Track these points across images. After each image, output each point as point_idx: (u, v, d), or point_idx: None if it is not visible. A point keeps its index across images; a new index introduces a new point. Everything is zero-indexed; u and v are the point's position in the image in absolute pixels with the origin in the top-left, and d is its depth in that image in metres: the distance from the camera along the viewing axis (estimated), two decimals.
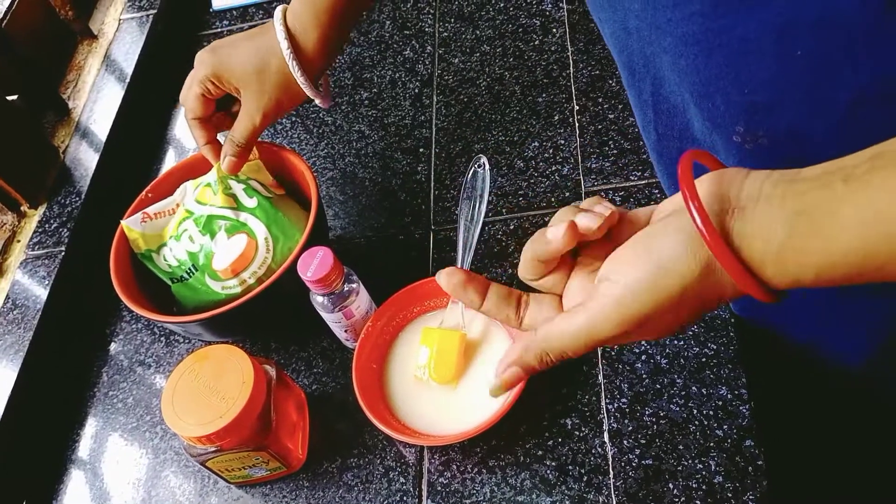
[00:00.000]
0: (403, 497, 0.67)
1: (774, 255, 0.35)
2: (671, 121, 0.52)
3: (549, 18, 0.97)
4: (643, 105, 0.54)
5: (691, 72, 0.46)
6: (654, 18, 0.46)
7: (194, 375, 0.65)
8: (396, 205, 0.86)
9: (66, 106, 1.04)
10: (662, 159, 0.57)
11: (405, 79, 0.97)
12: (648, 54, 0.49)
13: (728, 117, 0.47)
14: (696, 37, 0.44)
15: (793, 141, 0.46)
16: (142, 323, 0.86)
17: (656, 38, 0.47)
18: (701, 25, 0.43)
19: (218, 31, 1.13)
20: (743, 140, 0.47)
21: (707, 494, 0.60)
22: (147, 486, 0.74)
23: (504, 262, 0.78)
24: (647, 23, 0.47)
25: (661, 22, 0.45)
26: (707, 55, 0.45)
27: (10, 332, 0.83)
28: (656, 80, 0.51)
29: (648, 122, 0.55)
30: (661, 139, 0.55)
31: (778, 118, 0.45)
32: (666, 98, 0.51)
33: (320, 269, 0.66)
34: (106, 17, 1.15)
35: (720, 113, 0.47)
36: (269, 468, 0.68)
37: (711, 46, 0.44)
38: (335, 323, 0.72)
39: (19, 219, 0.94)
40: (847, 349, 0.61)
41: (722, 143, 0.49)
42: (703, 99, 0.48)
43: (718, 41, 0.43)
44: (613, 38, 0.53)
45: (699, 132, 0.51)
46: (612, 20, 0.51)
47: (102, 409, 0.81)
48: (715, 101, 0.47)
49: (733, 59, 0.44)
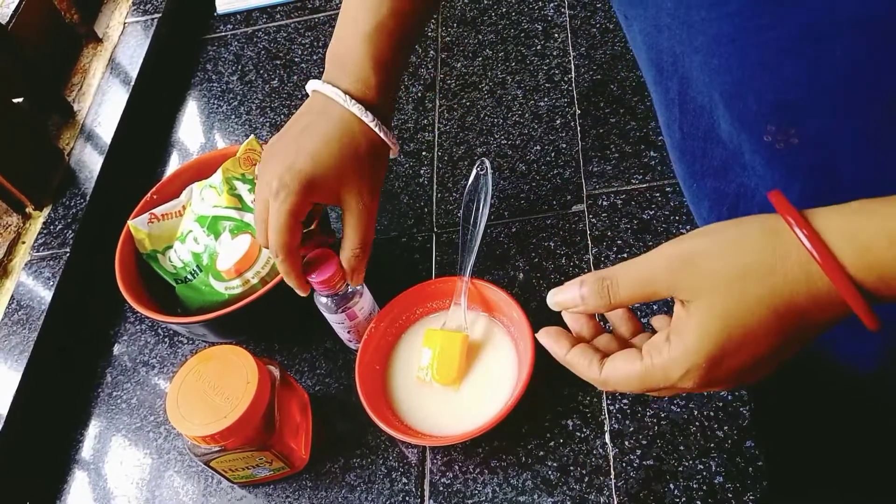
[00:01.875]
0: (406, 497, 0.67)
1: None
2: (697, 120, 0.52)
3: (551, 23, 0.98)
4: (669, 103, 0.54)
5: (723, 71, 0.46)
6: (687, 17, 0.46)
7: (198, 376, 0.65)
8: (399, 207, 0.87)
9: (71, 108, 1.05)
10: (685, 157, 0.57)
11: (408, 83, 0.98)
12: (678, 53, 0.49)
13: (760, 117, 0.47)
14: (730, 36, 0.44)
15: (825, 141, 0.46)
16: (146, 324, 0.86)
17: (688, 36, 0.47)
18: (736, 25, 0.43)
19: (222, 34, 1.14)
20: (774, 140, 0.47)
21: (707, 495, 0.60)
22: (151, 487, 0.74)
23: (506, 264, 0.79)
24: (680, 21, 0.47)
25: (695, 20, 0.45)
26: (742, 55, 0.44)
27: (15, 333, 0.83)
28: (684, 80, 0.51)
29: (673, 120, 0.55)
30: (685, 138, 0.55)
31: (812, 118, 0.45)
32: (693, 98, 0.51)
33: (325, 271, 0.66)
34: (111, 21, 1.16)
35: (752, 112, 0.47)
36: (272, 468, 0.69)
37: (746, 46, 0.44)
38: (338, 324, 0.72)
39: (24, 220, 0.95)
40: (860, 352, 0.61)
41: (750, 144, 0.49)
42: (735, 98, 0.47)
43: (754, 40, 0.43)
44: (642, 35, 0.52)
45: (726, 133, 0.51)
46: (643, 17, 0.51)
47: (106, 409, 0.81)
48: (747, 101, 0.47)
49: (768, 58, 0.44)
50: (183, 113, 1.06)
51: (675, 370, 0.44)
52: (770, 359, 0.43)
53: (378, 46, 0.62)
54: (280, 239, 0.61)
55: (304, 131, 0.62)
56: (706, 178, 0.56)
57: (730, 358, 0.43)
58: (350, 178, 0.61)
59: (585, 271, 0.75)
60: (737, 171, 0.53)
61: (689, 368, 0.44)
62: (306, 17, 1.12)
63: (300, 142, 0.61)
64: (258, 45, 1.10)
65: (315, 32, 1.09)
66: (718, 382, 0.45)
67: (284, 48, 1.09)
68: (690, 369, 0.44)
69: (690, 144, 0.55)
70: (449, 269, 0.80)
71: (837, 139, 0.46)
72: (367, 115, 0.61)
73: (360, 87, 0.62)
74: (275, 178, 0.60)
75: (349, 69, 0.63)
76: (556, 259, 0.77)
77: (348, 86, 0.62)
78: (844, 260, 0.39)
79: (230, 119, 1.03)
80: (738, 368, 0.44)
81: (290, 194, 0.59)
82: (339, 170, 0.61)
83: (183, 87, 1.09)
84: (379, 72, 0.62)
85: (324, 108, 0.62)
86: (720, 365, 0.44)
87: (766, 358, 0.43)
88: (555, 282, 0.76)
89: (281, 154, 0.61)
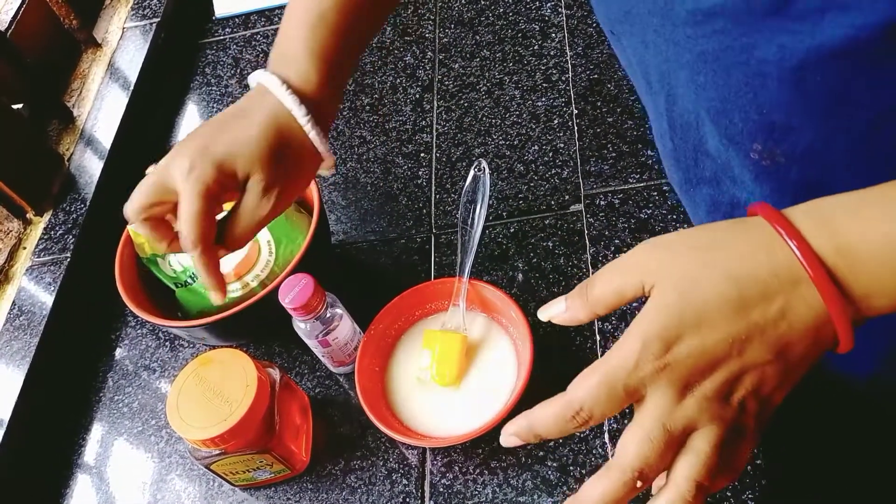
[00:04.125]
0: (406, 498, 0.68)
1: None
2: (686, 134, 0.52)
3: (549, 23, 0.98)
4: (658, 116, 0.54)
5: (709, 88, 0.46)
6: (672, 34, 0.46)
7: (199, 379, 0.65)
8: (398, 209, 0.87)
9: (71, 114, 1.05)
10: (679, 165, 0.56)
11: (406, 84, 0.98)
12: (664, 70, 0.49)
13: (746, 134, 0.47)
14: (715, 54, 0.44)
15: (811, 160, 0.46)
16: (147, 328, 0.87)
17: (674, 53, 0.46)
18: (721, 43, 0.43)
19: (220, 38, 1.14)
20: (760, 157, 0.47)
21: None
22: (153, 490, 0.75)
23: (504, 265, 0.79)
24: (666, 38, 0.46)
25: (681, 38, 0.45)
26: (726, 73, 0.44)
27: (17, 338, 0.84)
28: (671, 96, 0.51)
29: (664, 132, 0.55)
30: (677, 149, 0.55)
31: (796, 138, 0.45)
32: (680, 114, 0.51)
33: (301, 296, 0.66)
34: (110, 26, 1.16)
35: (738, 130, 0.47)
36: (273, 471, 0.69)
37: (730, 65, 0.43)
38: (314, 349, 0.72)
39: (25, 226, 0.95)
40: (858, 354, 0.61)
41: (738, 159, 0.49)
42: (721, 115, 0.47)
43: (738, 60, 0.43)
44: (631, 51, 0.52)
45: (714, 149, 0.51)
46: (631, 34, 0.51)
47: (108, 413, 0.81)
48: (732, 119, 0.46)
49: (751, 79, 0.43)
50: (182, 117, 1.07)
51: (631, 347, 0.40)
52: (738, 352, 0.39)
53: (319, 40, 0.58)
54: (195, 227, 0.54)
55: (232, 117, 0.58)
56: (701, 185, 0.56)
57: (690, 334, 0.39)
58: (266, 167, 0.55)
59: (584, 271, 0.76)
60: (727, 183, 0.53)
61: (645, 341, 0.39)
62: None
63: (224, 126, 0.57)
64: (256, 49, 1.11)
65: None
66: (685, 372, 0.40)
67: None
68: (647, 342, 0.39)
69: (683, 154, 0.55)
70: (448, 270, 0.80)
71: (826, 158, 0.45)
72: (301, 109, 0.56)
73: (299, 80, 0.58)
74: (187, 159, 0.55)
75: (289, 60, 0.59)
76: (554, 259, 0.77)
77: (287, 76, 0.58)
78: (801, 226, 0.38)
79: None
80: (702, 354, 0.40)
81: (199, 177, 0.54)
82: (255, 157, 0.55)
83: (182, 91, 1.09)
84: (320, 66, 0.58)
85: (257, 97, 0.58)
86: (680, 340, 0.40)
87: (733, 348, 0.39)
88: (553, 282, 0.76)
89: (200, 135, 0.57)
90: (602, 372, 0.42)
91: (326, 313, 0.69)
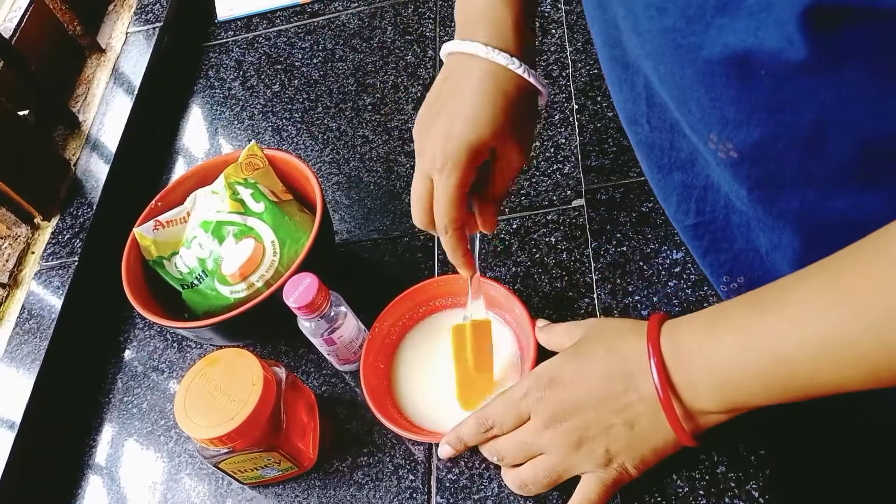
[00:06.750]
0: (413, 494, 0.68)
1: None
2: (664, 114, 0.53)
3: (548, 19, 0.98)
4: (636, 98, 0.54)
5: (668, 79, 0.47)
6: (635, 25, 0.47)
7: (206, 379, 0.66)
8: (401, 207, 0.87)
9: (77, 119, 1.06)
10: (653, 151, 0.57)
11: (407, 83, 0.99)
12: (634, 56, 0.50)
13: (703, 125, 0.48)
14: (668, 50, 0.45)
15: (762, 156, 0.47)
16: (154, 329, 0.87)
17: (639, 42, 0.48)
18: (672, 41, 0.44)
19: (223, 41, 1.15)
20: (716, 148, 0.48)
21: (710, 485, 0.60)
22: (163, 490, 0.76)
23: (507, 260, 0.79)
24: (630, 28, 0.48)
25: (642, 30, 0.46)
26: (680, 67, 0.45)
27: (27, 342, 0.84)
28: (647, 79, 0.52)
29: (641, 114, 0.55)
30: (653, 130, 0.55)
31: (746, 134, 0.46)
32: (657, 93, 0.52)
33: (305, 294, 0.67)
34: (113, 31, 1.17)
35: (696, 119, 0.48)
36: (280, 468, 0.70)
37: (683, 60, 0.44)
38: (320, 347, 0.73)
39: (33, 231, 0.96)
40: None
41: (702, 145, 0.50)
42: (681, 104, 0.48)
43: (688, 58, 0.44)
44: (605, 36, 0.53)
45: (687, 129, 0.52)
46: (603, 20, 0.52)
47: (118, 414, 0.82)
48: (690, 108, 0.47)
49: (701, 77, 0.44)
50: (186, 120, 1.07)
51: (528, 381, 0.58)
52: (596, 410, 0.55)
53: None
54: (449, 214, 0.59)
55: (452, 95, 0.58)
56: (673, 171, 0.56)
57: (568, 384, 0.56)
58: (507, 131, 0.58)
59: (586, 266, 0.76)
60: (702, 163, 0.54)
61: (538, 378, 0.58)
62: (306, 21, 1.13)
63: (450, 107, 0.58)
64: (259, 51, 1.11)
65: (314, 36, 1.10)
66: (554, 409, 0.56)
67: (285, 53, 1.10)
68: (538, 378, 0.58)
69: (658, 137, 0.55)
70: (452, 267, 0.80)
71: (775, 156, 0.46)
72: (514, 62, 0.58)
73: (499, 39, 0.59)
74: (437, 150, 0.57)
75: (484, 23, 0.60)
76: (557, 254, 0.78)
77: (487, 39, 0.59)
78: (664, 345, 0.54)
79: (233, 125, 1.04)
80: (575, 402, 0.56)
81: (456, 166, 0.57)
82: (496, 126, 0.57)
83: (185, 95, 1.10)
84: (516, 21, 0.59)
85: (464, 67, 0.59)
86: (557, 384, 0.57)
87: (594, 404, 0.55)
88: (556, 277, 0.76)
89: (435, 125, 0.58)
90: (506, 397, 0.60)
91: (331, 312, 0.69)
